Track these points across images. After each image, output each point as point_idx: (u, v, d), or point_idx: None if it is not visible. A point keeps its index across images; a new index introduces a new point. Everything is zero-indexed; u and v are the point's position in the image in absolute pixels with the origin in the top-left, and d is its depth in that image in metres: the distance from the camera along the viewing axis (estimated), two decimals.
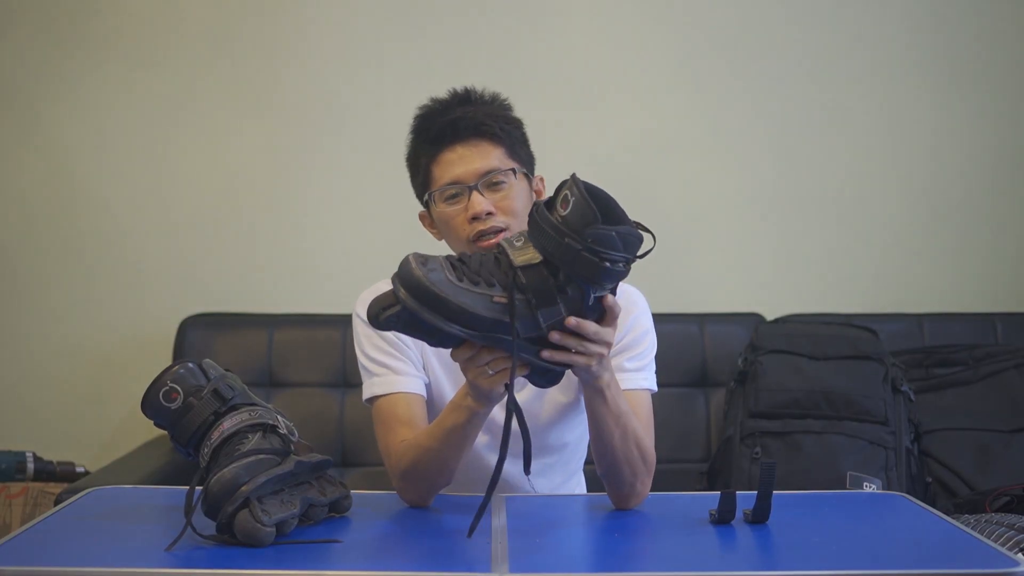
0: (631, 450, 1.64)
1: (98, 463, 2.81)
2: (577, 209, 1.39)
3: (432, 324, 1.40)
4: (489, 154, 1.80)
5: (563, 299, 1.42)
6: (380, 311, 1.43)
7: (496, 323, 1.42)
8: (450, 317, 1.40)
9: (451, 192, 1.80)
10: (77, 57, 2.94)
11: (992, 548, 1.47)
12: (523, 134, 1.87)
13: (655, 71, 3.01)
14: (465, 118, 1.80)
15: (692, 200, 3.02)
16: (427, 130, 1.84)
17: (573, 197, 1.39)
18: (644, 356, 1.82)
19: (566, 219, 1.39)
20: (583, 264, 1.39)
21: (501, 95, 1.88)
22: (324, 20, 2.96)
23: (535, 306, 1.42)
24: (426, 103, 1.88)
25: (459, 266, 1.43)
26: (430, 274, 1.40)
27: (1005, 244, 3.08)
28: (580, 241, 1.38)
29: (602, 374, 1.56)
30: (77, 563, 1.39)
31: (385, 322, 1.43)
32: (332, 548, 1.48)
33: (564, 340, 1.45)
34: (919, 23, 3.04)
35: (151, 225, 2.97)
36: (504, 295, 1.42)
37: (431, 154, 1.83)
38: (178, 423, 1.57)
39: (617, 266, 1.41)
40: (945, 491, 2.55)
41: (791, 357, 2.66)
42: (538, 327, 1.43)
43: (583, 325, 1.44)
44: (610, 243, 1.39)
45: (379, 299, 1.44)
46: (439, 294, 1.39)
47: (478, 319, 1.41)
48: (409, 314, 1.41)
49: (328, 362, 2.81)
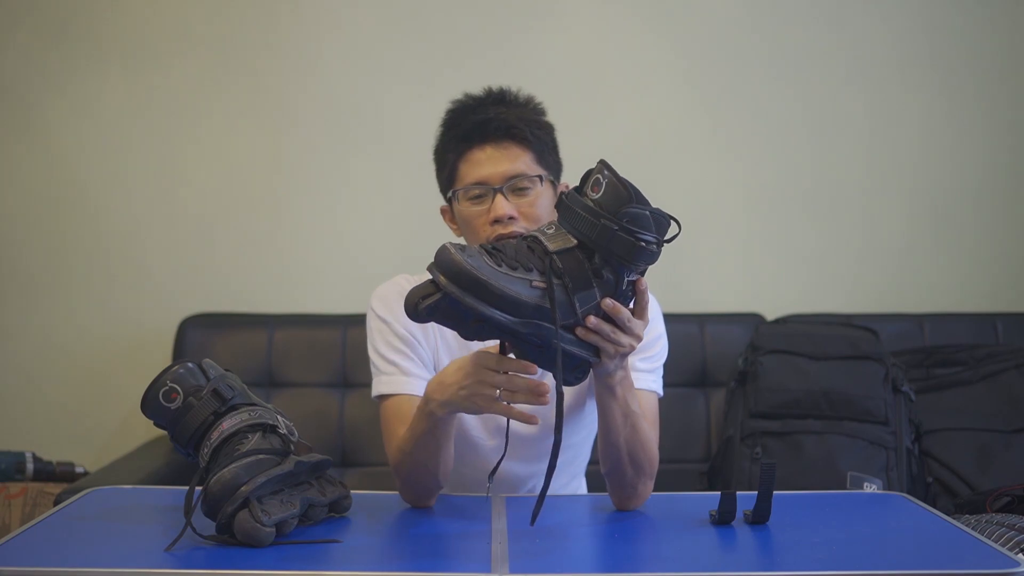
0: (636, 451, 1.65)
1: (98, 463, 2.81)
2: (610, 190, 1.42)
3: (475, 310, 1.39)
4: (518, 158, 1.80)
5: (598, 283, 1.44)
6: (419, 300, 1.42)
7: (537, 309, 1.42)
8: (492, 302, 1.39)
9: (476, 192, 1.79)
10: (77, 57, 2.93)
11: (992, 548, 1.47)
12: (553, 139, 1.87)
13: (655, 71, 3.01)
14: (497, 119, 1.80)
15: (692, 200, 3.02)
16: (458, 126, 1.84)
17: (605, 180, 1.42)
18: (655, 359, 1.83)
19: (599, 201, 1.42)
20: (619, 243, 1.42)
21: (535, 98, 1.88)
22: (327, 21, 2.96)
23: (571, 290, 1.43)
24: (459, 98, 1.88)
25: (495, 253, 1.44)
26: (469, 259, 1.39)
27: (1005, 244, 3.08)
28: (616, 221, 1.41)
29: (617, 371, 1.57)
30: (77, 563, 1.39)
31: (425, 311, 1.41)
32: (332, 548, 1.48)
33: (599, 326, 1.46)
34: (920, 23, 3.03)
35: (151, 225, 2.96)
36: (542, 279, 1.42)
37: (459, 151, 1.82)
38: (178, 423, 1.57)
39: (651, 246, 1.43)
40: (945, 491, 2.55)
41: (791, 357, 2.66)
42: (574, 313, 1.44)
43: (618, 309, 1.46)
44: (645, 222, 1.42)
45: (417, 289, 1.43)
46: (481, 278, 1.38)
47: (520, 304, 1.40)
48: (450, 301, 1.39)
49: (328, 362, 2.81)
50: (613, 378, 1.58)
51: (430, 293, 1.41)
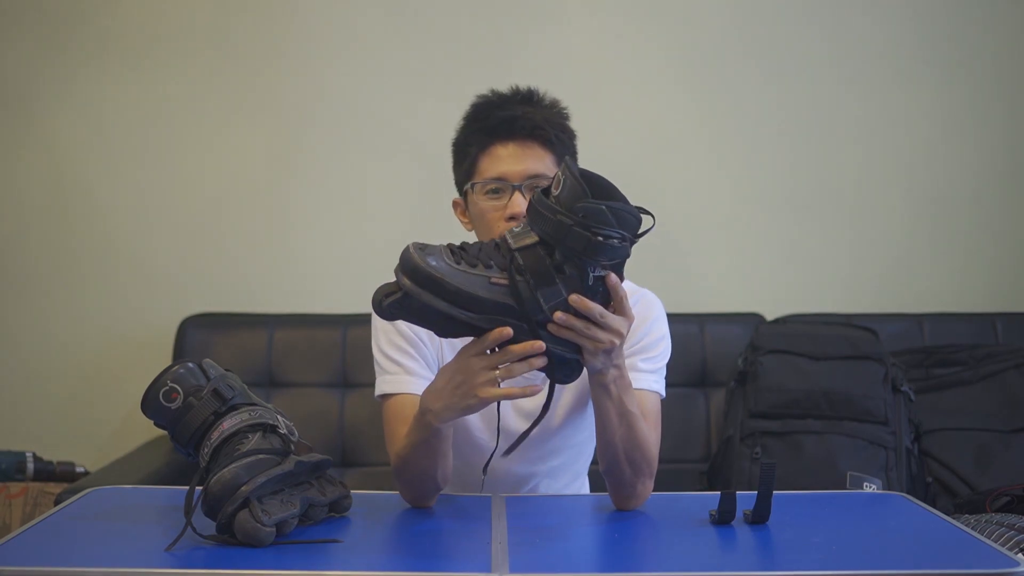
0: (633, 450, 1.64)
1: (98, 463, 2.81)
2: (568, 188, 1.44)
3: (431, 307, 1.43)
4: (540, 158, 1.81)
5: (561, 279, 1.45)
6: (383, 298, 1.47)
7: (497, 305, 1.45)
8: (448, 299, 1.43)
9: (493, 187, 1.80)
10: (75, 58, 2.93)
11: (992, 548, 1.47)
12: (574, 146, 1.88)
13: (654, 71, 3.01)
14: (524, 118, 1.81)
15: (692, 200, 3.02)
16: (483, 119, 1.84)
17: (564, 177, 1.45)
18: (658, 360, 1.83)
19: (558, 198, 1.44)
20: (575, 238, 1.43)
21: (561, 102, 1.89)
22: (329, 22, 2.96)
23: (534, 287, 1.45)
24: (485, 94, 1.88)
25: (458, 252, 1.47)
26: (427, 258, 1.44)
27: (1005, 244, 3.08)
28: (571, 216, 1.43)
29: (609, 369, 1.56)
30: (77, 563, 1.39)
31: (387, 308, 1.47)
32: (332, 548, 1.48)
33: (569, 321, 1.47)
34: (920, 24, 3.03)
35: (151, 225, 2.96)
36: (502, 276, 1.45)
37: (483, 144, 1.83)
38: (178, 423, 1.57)
39: (611, 241, 1.44)
40: (945, 491, 2.55)
41: (791, 357, 2.66)
42: (541, 309, 1.46)
43: (585, 303, 1.46)
44: (601, 217, 1.43)
45: (382, 288, 1.48)
46: (436, 276, 1.43)
47: (477, 300, 1.44)
48: (409, 298, 1.44)
49: (328, 362, 2.81)
50: (606, 376, 1.57)
51: (393, 291, 1.46)
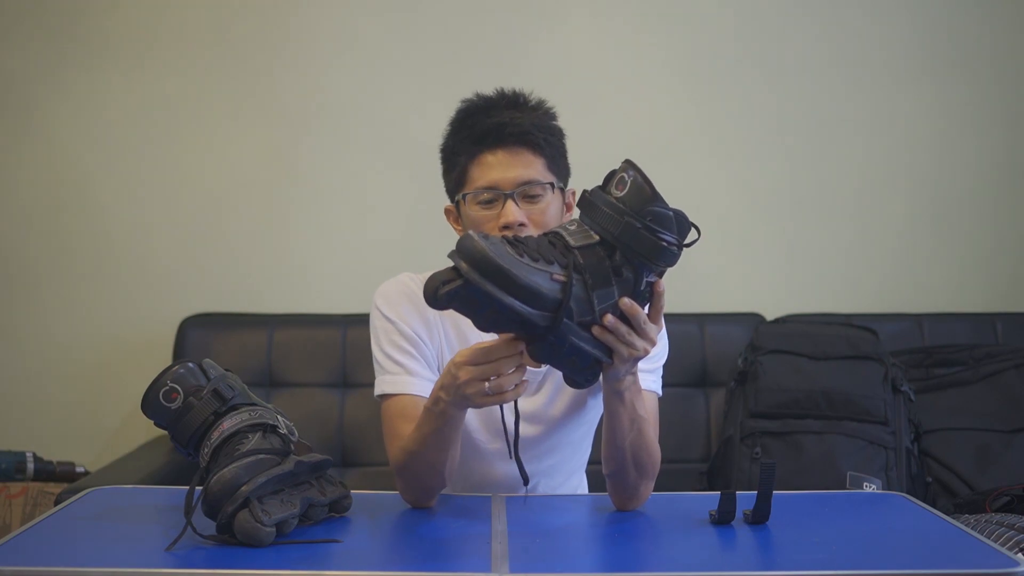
0: (641, 454, 1.64)
1: (98, 463, 2.81)
2: (635, 189, 1.42)
3: (495, 298, 1.37)
4: (530, 164, 1.78)
5: (618, 281, 1.44)
6: (440, 286, 1.39)
7: (556, 302, 1.41)
8: (512, 291, 1.37)
9: (486, 196, 1.77)
10: (75, 58, 2.94)
11: (992, 548, 1.47)
12: (563, 145, 1.86)
13: (655, 72, 3.01)
14: (512, 124, 1.78)
15: (692, 200, 2.97)
16: (470, 127, 1.80)
17: (630, 178, 1.43)
18: (656, 359, 1.83)
19: (624, 199, 1.43)
20: (641, 242, 1.42)
21: (547, 102, 1.86)
22: (330, 22, 2.96)
23: (591, 287, 1.43)
24: (470, 98, 1.84)
25: (517, 245, 1.42)
26: (492, 247, 1.38)
27: (1005, 244, 3.08)
28: (639, 219, 1.42)
29: (627, 375, 1.56)
30: (77, 563, 1.39)
31: (444, 297, 1.39)
32: (332, 548, 1.48)
33: (616, 325, 1.46)
34: (918, 25, 3.04)
35: (151, 225, 2.97)
36: (563, 273, 1.41)
37: (471, 153, 1.79)
38: (178, 423, 1.57)
39: (672, 247, 1.44)
40: (945, 491, 2.55)
41: (791, 357, 2.67)
42: (592, 310, 1.44)
43: (636, 309, 1.46)
44: (668, 223, 1.43)
45: (437, 275, 1.41)
46: (503, 266, 1.37)
47: (539, 296, 1.39)
48: (470, 288, 1.37)
49: (328, 362, 2.81)
50: (622, 383, 1.57)
51: (451, 279, 1.39)
